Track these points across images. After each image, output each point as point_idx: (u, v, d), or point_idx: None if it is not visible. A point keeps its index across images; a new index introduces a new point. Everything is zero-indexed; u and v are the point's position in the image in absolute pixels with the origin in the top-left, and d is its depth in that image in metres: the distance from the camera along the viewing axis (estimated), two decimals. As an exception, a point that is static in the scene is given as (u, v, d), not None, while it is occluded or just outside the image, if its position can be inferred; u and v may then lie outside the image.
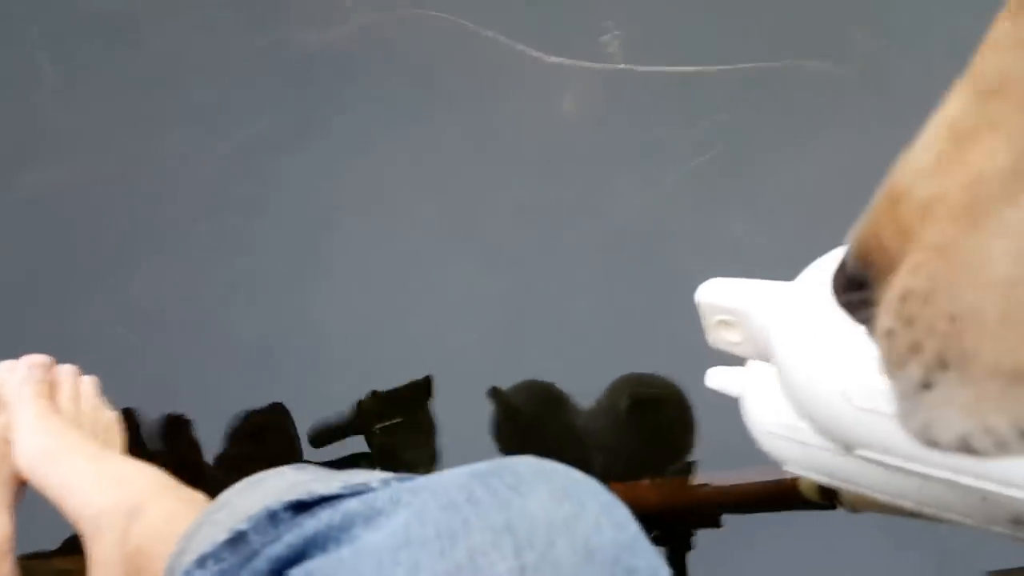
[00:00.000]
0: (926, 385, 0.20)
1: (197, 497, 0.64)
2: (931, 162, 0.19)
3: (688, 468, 1.03)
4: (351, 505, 0.36)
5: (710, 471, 1.01)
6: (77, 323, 1.05)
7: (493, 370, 1.04)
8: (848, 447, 0.48)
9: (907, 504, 0.58)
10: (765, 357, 0.54)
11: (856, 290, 0.22)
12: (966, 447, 0.20)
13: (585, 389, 1.04)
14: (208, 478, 0.97)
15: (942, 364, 0.20)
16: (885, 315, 0.21)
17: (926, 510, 0.57)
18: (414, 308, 1.07)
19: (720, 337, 0.57)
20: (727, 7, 1.14)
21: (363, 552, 0.33)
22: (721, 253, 1.04)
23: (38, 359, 0.80)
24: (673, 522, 1.02)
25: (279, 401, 1.03)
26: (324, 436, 1.03)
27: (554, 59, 1.09)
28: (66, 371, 0.82)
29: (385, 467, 1.03)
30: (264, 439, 1.04)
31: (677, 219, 1.07)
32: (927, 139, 0.20)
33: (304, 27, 1.16)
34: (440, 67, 1.14)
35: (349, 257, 1.09)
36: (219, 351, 1.05)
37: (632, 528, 0.36)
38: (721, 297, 0.55)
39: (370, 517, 0.35)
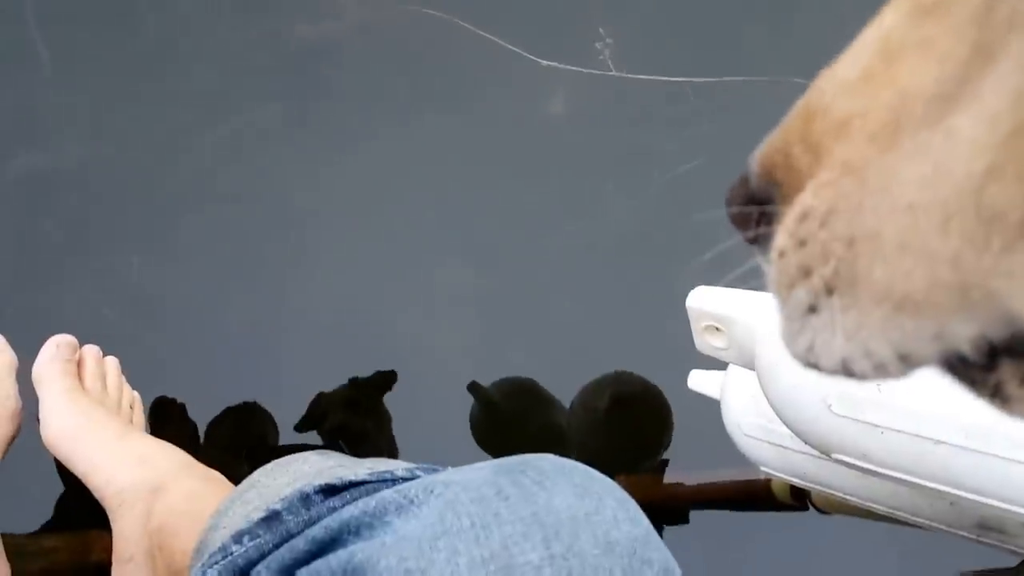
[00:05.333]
0: (812, 309, 0.20)
1: (217, 477, 0.65)
2: (856, 77, 0.18)
3: (662, 466, 1.06)
4: (386, 494, 0.38)
5: (685, 470, 1.04)
6: (63, 305, 1.05)
7: (475, 367, 1.05)
8: (826, 451, 0.51)
9: (878, 507, 0.61)
10: (748, 364, 0.56)
11: (755, 204, 0.21)
12: (846, 370, 0.20)
13: (566, 387, 1.06)
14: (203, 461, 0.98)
15: (829, 289, 0.19)
16: (781, 235, 0.20)
17: (897, 514, 0.60)
18: (397, 303, 1.09)
19: (707, 342, 0.59)
20: (717, 21, 1.17)
21: (404, 538, 0.35)
22: (704, 260, 1.07)
23: (64, 339, 0.80)
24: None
25: (261, 387, 1.04)
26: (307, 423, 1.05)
27: (547, 63, 1.11)
28: (90, 351, 0.83)
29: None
30: (247, 427, 1.05)
31: (661, 224, 1.09)
32: (855, 53, 0.19)
33: (301, 19, 1.17)
34: (435, 65, 1.16)
35: (334, 249, 1.10)
36: (207, 338, 1.06)
37: (645, 523, 0.39)
38: (709, 304, 0.57)
39: (403, 506, 0.37)
